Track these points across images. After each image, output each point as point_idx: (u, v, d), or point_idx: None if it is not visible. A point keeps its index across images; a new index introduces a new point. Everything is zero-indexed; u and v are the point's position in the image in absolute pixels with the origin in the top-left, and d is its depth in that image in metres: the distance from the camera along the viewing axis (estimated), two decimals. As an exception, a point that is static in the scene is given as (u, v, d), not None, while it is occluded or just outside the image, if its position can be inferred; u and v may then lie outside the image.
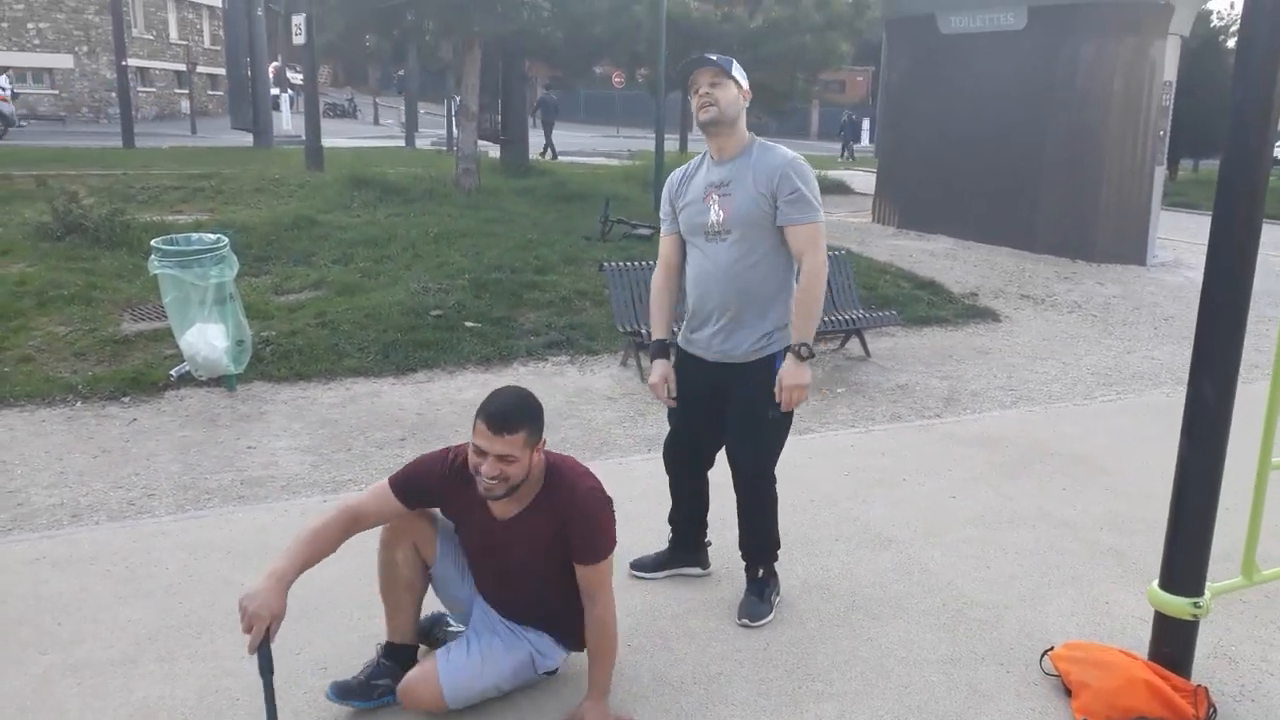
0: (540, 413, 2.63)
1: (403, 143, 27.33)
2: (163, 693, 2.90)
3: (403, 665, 2.84)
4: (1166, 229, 14.54)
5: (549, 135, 25.37)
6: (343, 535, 2.65)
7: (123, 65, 22.15)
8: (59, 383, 5.91)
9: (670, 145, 18.08)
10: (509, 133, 17.16)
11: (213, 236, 6.07)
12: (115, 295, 7.59)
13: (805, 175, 3.16)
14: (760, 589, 3.46)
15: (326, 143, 18.04)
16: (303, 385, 6.24)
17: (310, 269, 8.76)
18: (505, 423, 2.52)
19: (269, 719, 2.51)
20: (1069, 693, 2.97)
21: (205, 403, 5.86)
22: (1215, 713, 2.86)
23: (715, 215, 3.22)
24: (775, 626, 3.38)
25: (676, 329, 3.50)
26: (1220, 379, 2.73)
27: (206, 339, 5.78)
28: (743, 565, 3.52)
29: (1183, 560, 2.87)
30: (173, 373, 6.10)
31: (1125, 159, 12.18)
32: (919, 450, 5.30)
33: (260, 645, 2.43)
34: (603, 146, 32.02)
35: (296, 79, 36.86)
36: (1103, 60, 11.96)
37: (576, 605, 2.76)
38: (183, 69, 37.66)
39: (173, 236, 6.11)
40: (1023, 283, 10.77)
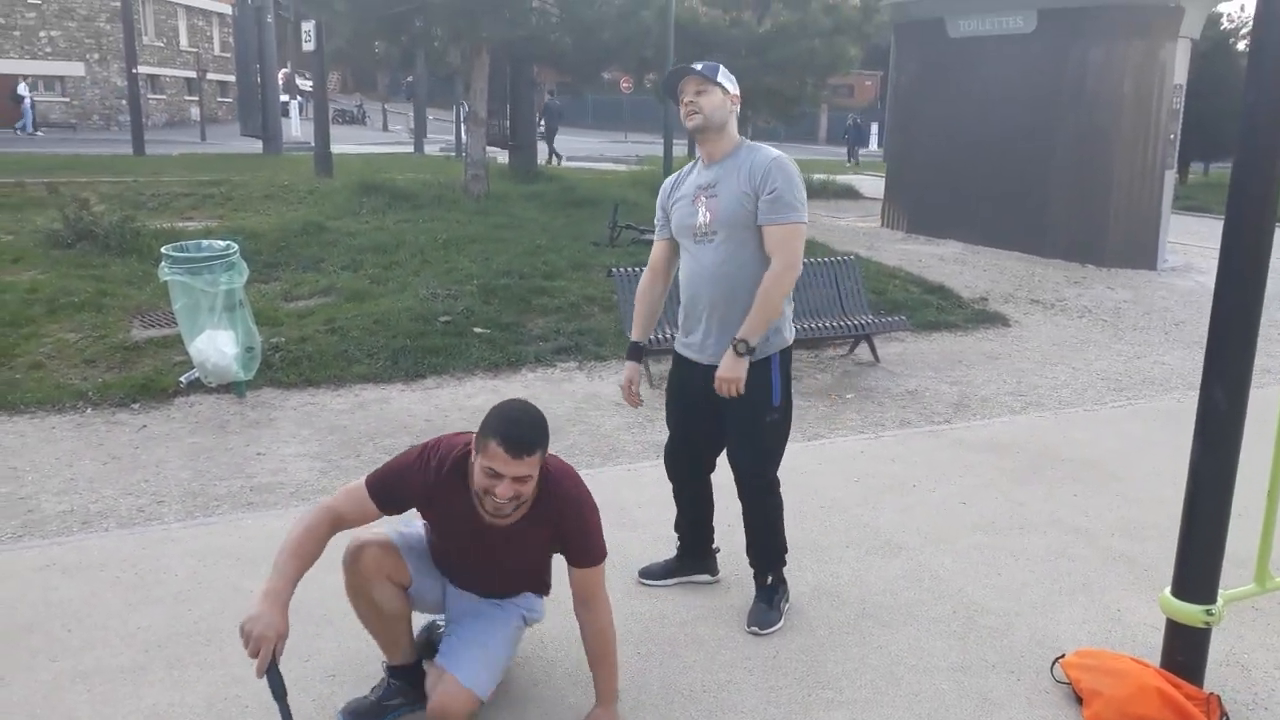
0: (548, 426, 2.56)
1: (411, 149, 27.42)
2: (172, 700, 2.91)
3: (411, 682, 2.83)
4: (1177, 233, 14.48)
5: (550, 141, 25.48)
6: (327, 539, 2.57)
7: (133, 73, 22.27)
8: (69, 389, 5.94)
9: (678, 150, 18.04)
10: (518, 138, 17.18)
11: (222, 243, 6.09)
12: (125, 302, 7.62)
13: (788, 175, 3.14)
14: (769, 596, 3.45)
15: (335, 149, 18.11)
16: (312, 392, 6.25)
17: (319, 275, 8.78)
18: (526, 446, 2.41)
19: None
20: (1080, 701, 2.95)
21: (215, 409, 5.88)
22: (1228, 721, 2.84)
23: (702, 217, 3.24)
24: (785, 634, 3.37)
25: (666, 334, 3.53)
26: (1232, 384, 2.71)
27: (216, 345, 5.80)
28: (751, 572, 3.51)
29: (1195, 567, 2.86)
30: (182, 379, 6.12)
31: (1135, 162, 12.14)
32: (929, 456, 5.28)
33: (269, 668, 2.38)
34: (610, 152, 32.04)
35: (306, 85, 37.03)
36: (1112, 63, 11.92)
37: (548, 563, 2.83)
38: (193, 76, 37.88)
39: (183, 243, 6.14)
40: (1032, 287, 10.73)
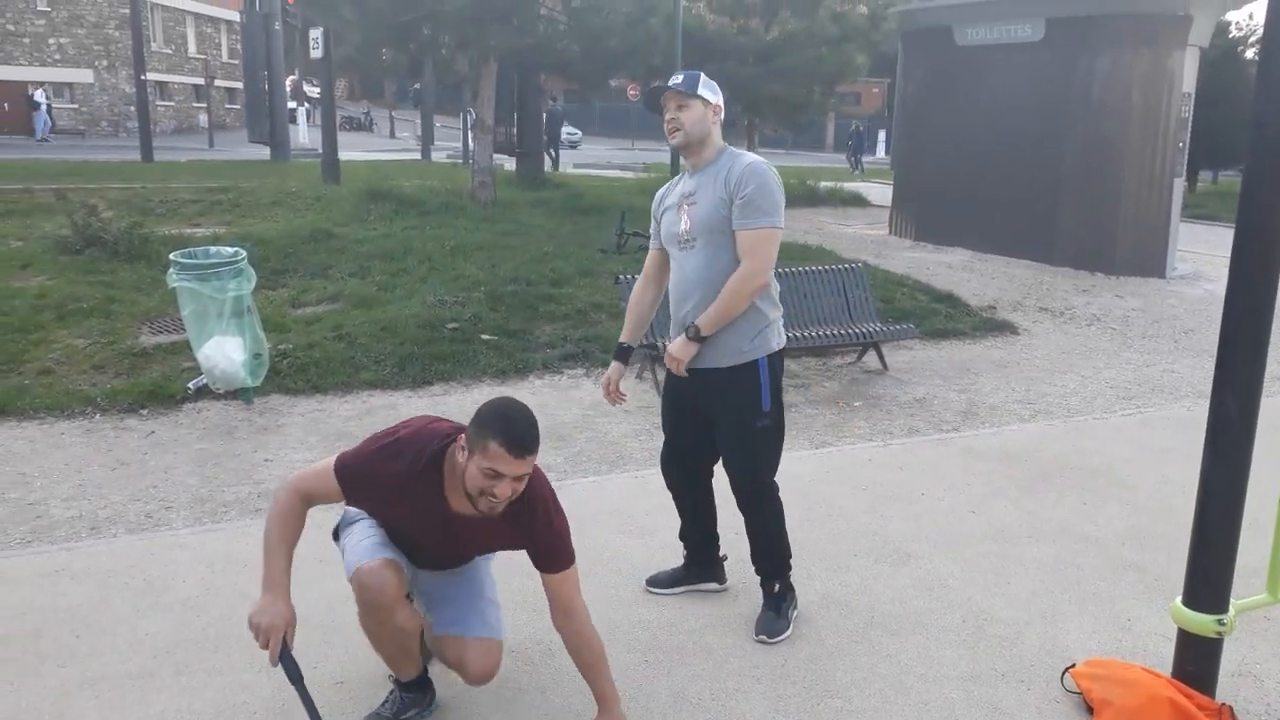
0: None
1: (419, 156, 27.54)
2: (180, 706, 2.90)
3: (423, 690, 2.84)
4: (1186, 241, 14.44)
5: (555, 146, 25.62)
6: (304, 517, 2.61)
7: (142, 79, 22.41)
8: (78, 395, 5.95)
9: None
10: (524, 145, 17.23)
11: (230, 249, 6.11)
12: (134, 308, 7.65)
13: (761, 180, 3.15)
14: (776, 604, 3.44)
15: (343, 156, 18.17)
16: (319, 398, 6.26)
17: (327, 282, 8.80)
18: (529, 445, 2.43)
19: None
20: (1091, 711, 2.93)
21: (223, 415, 5.89)
22: (1241, 732, 2.83)
23: (684, 224, 3.29)
24: (793, 643, 3.35)
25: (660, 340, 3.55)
26: (1244, 392, 2.70)
27: (224, 352, 5.80)
28: (759, 580, 3.50)
29: (1206, 577, 2.84)
30: (190, 385, 6.13)
31: (1144, 171, 12.11)
32: (937, 464, 5.27)
33: (282, 654, 2.44)
34: (617, 159, 32.13)
35: (313, 92, 37.22)
36: (1120, 72, 11.90)
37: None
38: (201, 83, 38.08)
39: (191, 250, 6.15)
40: (1041, 295, 10.70)
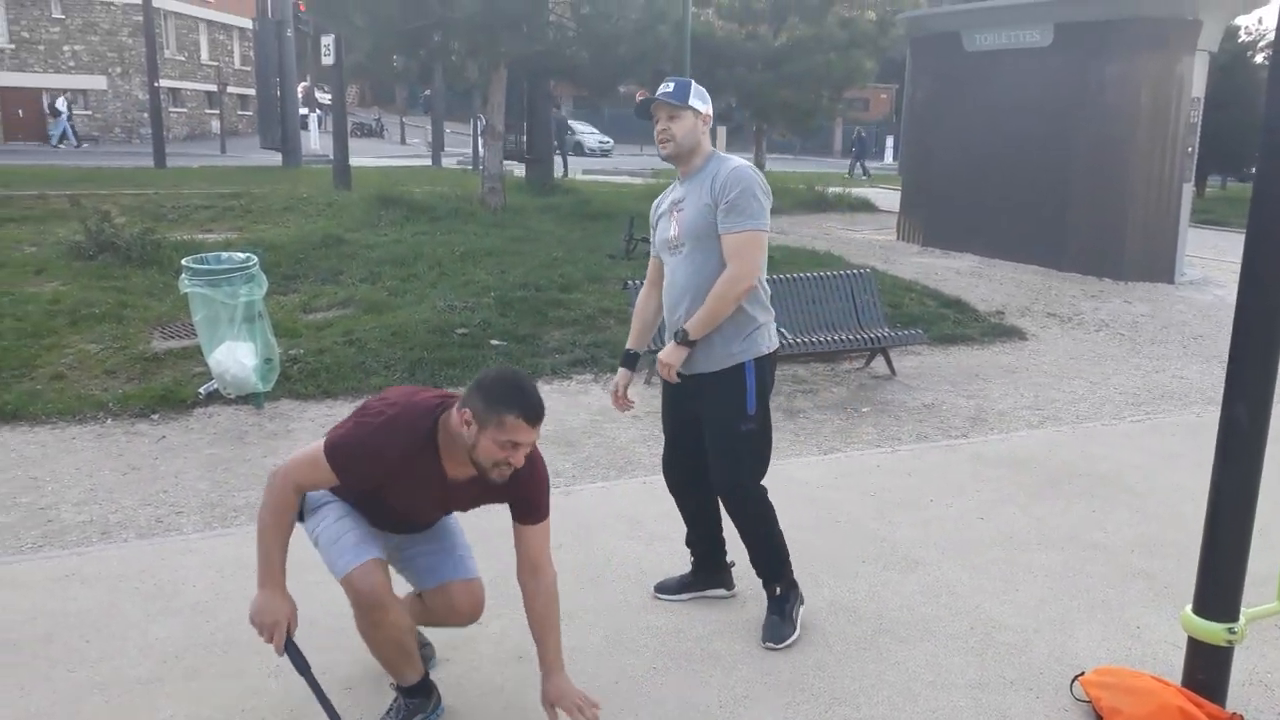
0: None
1: (429, 162, 27.61)
2: (190, 711, 2.92)
3: (427, 696, 2.85)
4: (1195, 247, 14.40)
5: (564, 152, 25.78)
6: (296, 507, 2.66)
7: (155, 86, 22.54)
8: (90, 400, 5.99)
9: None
10: (534, 152, 17.28)
11: (242, 255, 6.14)
12: (146, 313, 7.69)
13: (745, 184, 3.17)
14: (780, 607, 3.44)
15: (354, 162, 18.25)
16: (330, 403, 6.28)
17: (338, 287, 8.84)
18: (542, 413, 2.52)
19: (326, 711, 2.54)
20: (1100, 719, 2.92)
21: (233, 420, 5.91)
22: (1251, 741, 2.81)
23: (673, 230, 3.33)
24: (801, 649, 3.35)
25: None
26: (1255, 399, 2.69)
27: (235, 357, 5.84)
28: (764, 585, 3.51)
29: (1217, 585, 2.83)
30: (201, 390, 6.16)
31: (1153, 176, 12.08)
32: (945, 470, 5.26)
33: (287, 645, 2.48)
34: (626, 165, 32.17)
35: (325, 99, 37.33)
36: (1130, 77, 11.87)
37: None
38: (213, 89, 38.25)
39: (203, 255, 6.20)
40: (1049, 301, 10.68)
